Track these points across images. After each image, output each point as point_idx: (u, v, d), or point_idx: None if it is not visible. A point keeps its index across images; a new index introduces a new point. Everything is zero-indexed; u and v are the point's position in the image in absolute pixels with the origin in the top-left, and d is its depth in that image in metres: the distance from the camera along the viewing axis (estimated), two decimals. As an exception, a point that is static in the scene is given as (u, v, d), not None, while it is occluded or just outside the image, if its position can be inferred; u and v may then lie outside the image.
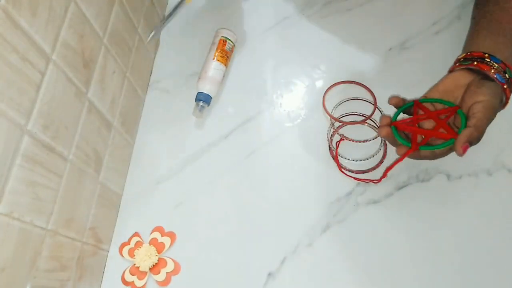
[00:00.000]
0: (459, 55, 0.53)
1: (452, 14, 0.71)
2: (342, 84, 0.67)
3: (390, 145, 0.52)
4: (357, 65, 0.69)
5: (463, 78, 0.50)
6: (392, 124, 0.51)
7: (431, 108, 0.52)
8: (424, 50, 0.68)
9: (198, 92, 0.66)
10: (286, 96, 0.69)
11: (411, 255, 0.55)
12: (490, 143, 0.58)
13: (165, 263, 0.58)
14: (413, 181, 0.59)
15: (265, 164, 0.63)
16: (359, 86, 0.66)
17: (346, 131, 0.63)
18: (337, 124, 0.63)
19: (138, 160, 0.67)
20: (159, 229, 0.60)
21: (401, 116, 0.53)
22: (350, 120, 0.64)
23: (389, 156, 0.60)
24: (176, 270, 0.57)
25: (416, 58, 0.68)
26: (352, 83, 0.67)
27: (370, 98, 0.64)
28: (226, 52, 0.69)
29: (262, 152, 0.64)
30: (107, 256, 0.60)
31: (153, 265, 0.57)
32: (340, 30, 0.73)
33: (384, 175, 0.57)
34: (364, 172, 0.60)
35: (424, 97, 0.53)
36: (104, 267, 0.59)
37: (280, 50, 0.73)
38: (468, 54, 0.51)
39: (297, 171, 0.62)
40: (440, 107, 0.51)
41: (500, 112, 0.48)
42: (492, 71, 0.48)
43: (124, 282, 0.57)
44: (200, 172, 0.64)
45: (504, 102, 0.49)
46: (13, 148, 0.39)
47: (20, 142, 0.40)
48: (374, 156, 0.61)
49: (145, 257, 0.57)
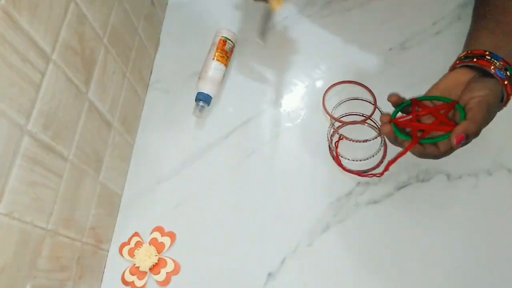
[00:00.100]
0: (460, 54, 0.53)
1: (452, 14, 0.71)
2: (342, 84, 0.67)
3: (390, 145, 0.52)
4: (357, 65, 0.69)
5: (464, 76, 0.50)
6: (391, 121, 0.51)
7: (430, 105, 0.52)
8: (424, 50, 0.68)
9: (198, 92, 0.66)
10: (286, 96, 0.69)
11: (411, 255, 0.55)
12: (490, 143, 0.59)
13: (165, 263, 0.58)
14: (413, 181, 0.59)
15: (265, 164, 0.63)
16: (359, 86, 0.66)
17: (346, 131, 0.63)
18: (337, 124, 0.63)
19: (138, 160, 0.67)
20: (159, 229, 0.60)
21: (399, 115, 0.53)
22: (350, 120, 0.64)
23: (389, 156, 0.60)
24: (176, 270, 0.57)
25: (416, 58, 0.68)
26: (352, 83, 0.67)
27: (370, 98, 0.64)
28: (226, 52, 0.69)
29: (262, 152, 0.64)
30: (107, 256, 0.60)
31: (153, 265, 0.57)
32: (340, 30, 0.73)
33: (386, 169, 0.57)
34: (364, 172, 0.60)
35: (423, 95, 0.53)
36: (104, 267, 0.59)
37: (280, 50, 0.73)
38: (469, 52, 0.51)
39: (297, 171, 0.62)
40: (439, 104, 0.51)
41: (500, 112, 0.48)
42: (492, 68, 0.48)
43: (124, 282, 0.57)
44: (200, 172, 0.64)
45: (505, 100, 0.48)
46: (13, 148, 0.39)
47: (20, 142, 0.40)
48: (374, 156, 0.61)
49: (145, 257, 0.57)
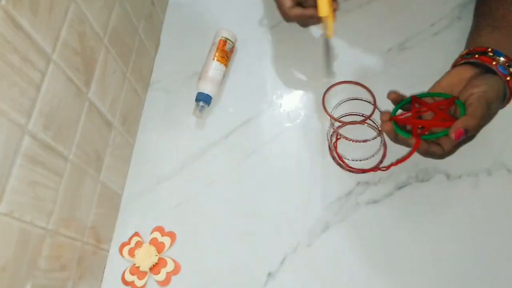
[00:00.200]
0: (462, 51, 0.53)
1: (452, 14, 0.71)
2: (342, 84, 0.67)
3: (389, 145, 0.52)
4: (357, 65, 0.69)
5: (465, 72, 0.50)
6: (391, 119, 0.50)
7: (431, 102, 0.51)
8: (423, 51, 0.68)
9: (198, 92, 0.66)
10: (286, 96, 0.69)
11: (411, 255, 0.54)
12: (490, 143, 0.59)
13: (165, 263, 0.58)
14: (412, 181, 0.59)
15: (265, 164, 0.63)
16: (359, 86, 0.66)
17: (346, 131, 0.63)
18: (337, 124, 0.63)
19: (139, 159, 0.67)
20: (159, 229, 0.60)
21: (399, 113, 0.53)
22: (350, 120, 0.64)
23: (388, 156, 0.60)
24: (176, 270, 0.57)
25: (416, 59, 0.68)
26: (352, 83, 0.67)
27: (370, 98, 0.64)
28: (226, 52, 0.69)
29: (262, 152, 0.64)
30: (107, 256, 0.60)
31: (153, 265, 0.57)
32: (340, 30, 0.72)
33: (395, 164, 0.56)
34: (364, 171, 0.60)
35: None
36: (104, 267, 0.59)
37: (280, 50, 0.73)
38: (471, 49, 0.51)
39: (297, 171, 0.62)
40: (440, 100, 0.51)
41: (500, 112, 0.48)
42: (494, 63, 0.48)
43: (124, 282, 0.57)
44: (200, 172, 0.64)
45: (508, 97, 0.48)
46: (13, 148, 0.39)
47: (21, 142, 0.40)
48: (374, 156, 0.61)
49: (145, 257, 0.57)
